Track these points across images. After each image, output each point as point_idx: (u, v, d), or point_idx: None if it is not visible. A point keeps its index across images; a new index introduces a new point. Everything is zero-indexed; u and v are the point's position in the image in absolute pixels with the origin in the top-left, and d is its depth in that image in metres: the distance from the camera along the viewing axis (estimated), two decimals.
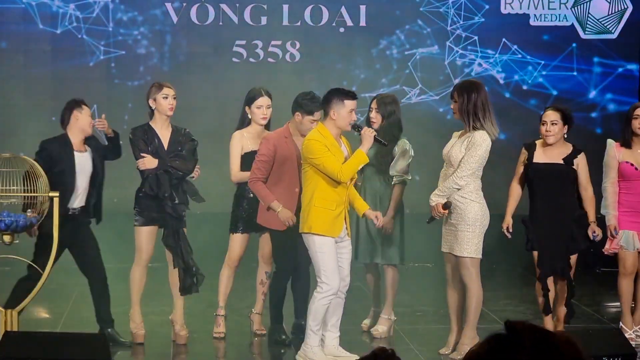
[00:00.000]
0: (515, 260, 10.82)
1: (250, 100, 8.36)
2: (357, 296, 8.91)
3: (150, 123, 8.25)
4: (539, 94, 12.20)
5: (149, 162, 8.09)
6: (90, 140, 8.21)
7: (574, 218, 8.04)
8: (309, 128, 7.87)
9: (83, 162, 8.08)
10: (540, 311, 8.09)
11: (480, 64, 12.19)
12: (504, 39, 12.10)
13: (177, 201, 8.11)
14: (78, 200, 8.07)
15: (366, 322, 8.77)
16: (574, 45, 12.16)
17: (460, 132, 7.85)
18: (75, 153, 8.06)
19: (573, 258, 8.16)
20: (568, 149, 8.09)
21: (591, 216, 8.05)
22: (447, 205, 7.66)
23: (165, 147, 8.16)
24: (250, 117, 8.35)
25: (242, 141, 8.33)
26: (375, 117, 8.37)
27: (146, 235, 8.15)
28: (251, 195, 8.25)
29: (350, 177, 7.48)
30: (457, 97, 7.76)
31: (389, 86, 12.07)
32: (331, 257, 7.47)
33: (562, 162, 8.04)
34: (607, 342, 6.86)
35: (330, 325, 7.69)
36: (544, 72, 12.23)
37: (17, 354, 6.42)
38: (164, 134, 8.21)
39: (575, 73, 12.20)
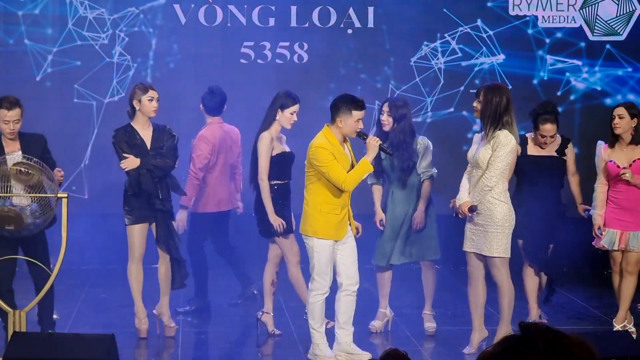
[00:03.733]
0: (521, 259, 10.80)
1: (285, 105, 8.37)
2: (365, 297, 8.89)
3: (131, 123, 8.37)
4: None
5: (131, 162, 8.24)
6: (24, 139, 8.00)
7: (557, 213, 8.47)
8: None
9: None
10: (544, 298, 8.72)
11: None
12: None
13: (161, 197, 8.28)
14: (18, 199, 7.81)
15: (374, 323, 8.79)
16: None
17: (481, 133, 7.88)
18: (7, 157, 7.79)
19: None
20: (557, 140, 8.53)
21: (578, 198, 8.64)
22: (472, 209, 7.73)
23: (148, 146, 8.31)
24: (277, 119, 8.39)
25: (272, 143, 8.36)
26: (387, 120, 8.47)
27: (138, 233, 8.35)
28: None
29: (355, 186, 7.58)
30: (482, 97, 7.78)
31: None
32: (326, 258, 7.66)
33: (555, 154, 8.48)
34: (615, 344, 6.85)
35: (342, 322, 7.79)
36: None
37: (25, 354, 6.43)
38: (146, 134, 8.35)
39: None
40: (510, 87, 10.87)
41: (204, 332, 8.66)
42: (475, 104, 7.87)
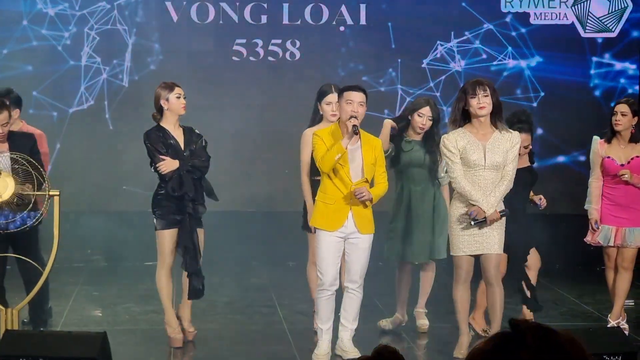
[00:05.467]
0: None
1: (320, 95, 8.32)
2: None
3: (161, 124, 8.05)
4: None
5: (170, 164, 7.92)
6: (14, 139, 7.91)
7: (529, 225, 8.34)
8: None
9: (2, 163, 7.66)
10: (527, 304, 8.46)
11: None
12: None
13: (197, 200, 8.01)
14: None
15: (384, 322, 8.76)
16: None
17: (457, 131, 7.66)
18: None
19: (536, 254, 8.44)
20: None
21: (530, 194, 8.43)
22: (505, 213, 7.58)
23: (182, 147, 8.03)
24: (322, 113, 8.31)
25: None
26: (427, 124, 8.28)
27: (169, 239, 8.03)
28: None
29: (330, 168, 7.44)
30: (491, 93, 7.58)
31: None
32: (325, 251, 7.57)
33: (529, 164, 8.40)
34: (608, 340, 6.86)
35: (341, 319, 7.79)
36: None
37: (18, 352, 6.42)
38: (177, 134, 8.06)
39: None
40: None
41: (196, 330, 8.63)
42: (486, 100, 7.55)
